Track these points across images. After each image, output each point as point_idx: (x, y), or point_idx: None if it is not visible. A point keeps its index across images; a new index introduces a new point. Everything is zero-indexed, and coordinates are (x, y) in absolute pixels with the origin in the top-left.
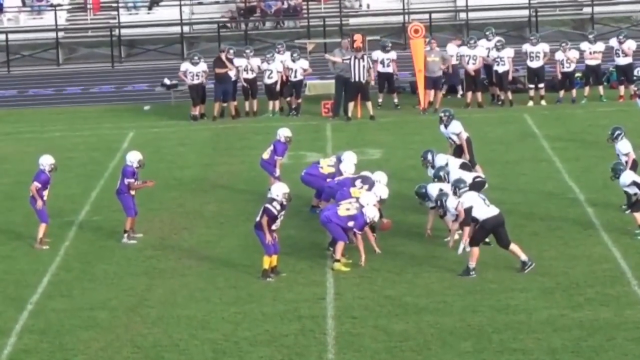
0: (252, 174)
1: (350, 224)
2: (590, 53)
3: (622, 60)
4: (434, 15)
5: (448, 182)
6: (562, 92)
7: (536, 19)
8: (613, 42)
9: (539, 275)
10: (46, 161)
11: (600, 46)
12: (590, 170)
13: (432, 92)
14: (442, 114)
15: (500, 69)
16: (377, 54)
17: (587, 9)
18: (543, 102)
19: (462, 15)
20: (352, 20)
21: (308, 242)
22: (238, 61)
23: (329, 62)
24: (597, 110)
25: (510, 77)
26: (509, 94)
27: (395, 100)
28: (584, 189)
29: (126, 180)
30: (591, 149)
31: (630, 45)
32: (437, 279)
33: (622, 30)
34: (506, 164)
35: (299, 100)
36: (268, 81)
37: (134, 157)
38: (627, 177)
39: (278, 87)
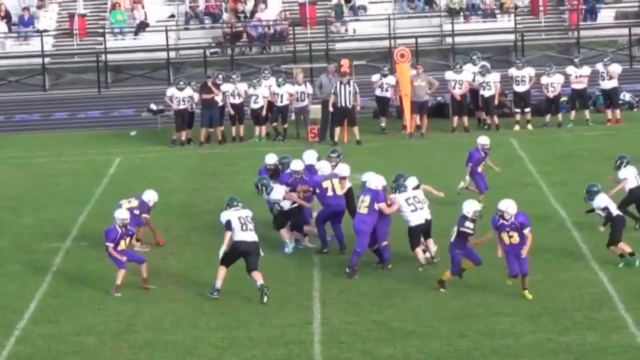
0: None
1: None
2: (576, 77)
3: (607, 84)
4: (420, 40)
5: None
6: (548, 117)
7: (522, 43)
8: (599, 65)
9: (525, 300)
10: (119, 215)
11: (586, 70)
12: (576, 194)
13: (419, 116)
14: None
15: (486, 93)
16: (376, 78)
17: (573, 33)
18: (529, 127)
19: (448, 40)
20: (338, 45)
21: (294, 266)
22: (225, 86)
23: (315, 87)
24: (584, 134)
25: (496, 102)
26: (495, 119)
27: (383, 125)
28: (570, 213)
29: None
30: (578, 173)
31: (615, 68)
32: (424, 304)
33: (607, 54)
34: (492, 188)
35: (285, 126)
36: (254, 106)
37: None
38: (601, 200)
39: (264, 112)
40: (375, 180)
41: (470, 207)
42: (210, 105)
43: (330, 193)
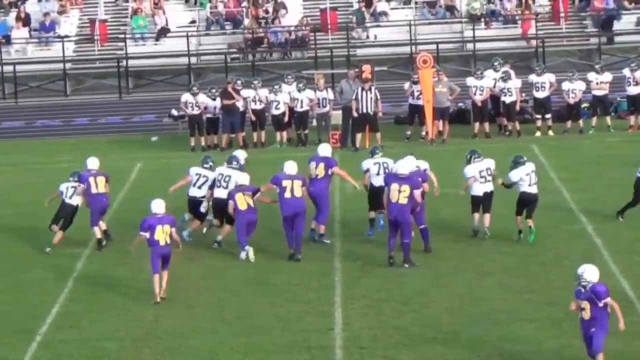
0: (259, 205)
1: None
2: (597, 83)
3: (633, 90)
4: (441, 46)
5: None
6: (569, 123)
7: (543, 49)
8: (625, 71)
9: (547, 305)
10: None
11: (607, 76)
12: (598, 200)
13: (440, 122)
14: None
15: (507, 99)
16: (407, 86)
17: (594, 40)
18: (550, 133)
19: (469, 46)
20: (359, 51)
21: (317, 272)
22: (246, 92)
23: (336, 93)
24: (605, 141)
25: (518, 108)
26: (517, 125)
27: (408, 133)
28: (591, 220)
29: None
30: (599, 179)
31: None
32: (444, 309)
33: (634, 59)
34: (514, 194)
35: (306, 131)
36: (275, 112)
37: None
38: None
39: (286, 118)
40: (405, 168)
41: None
42: (231, 111)
43: (288, 194)
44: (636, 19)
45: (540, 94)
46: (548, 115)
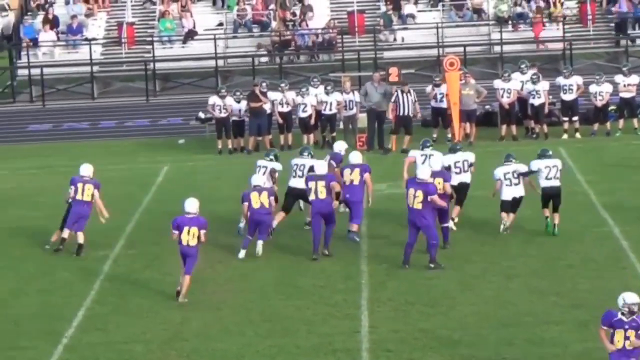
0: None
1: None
2: (624, 85)
3: None
4: (468, 49)
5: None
6: (596, 125)
7: (570, 51)
8: None
9: (573, 308)
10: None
11: (634, 79)
12: (624, 203)
13: (467, 125)
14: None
15: (536, 101)
16: (429, 89)
17: (622, 42)
18: (577, 135)
19: (497, 48)
20: (386, 54)
21: (343, 274)
22: (273, 95)
23: (361, 96)
24: (632, 143)
25: (546, 110)
26: (545, 127)
27: (435, 135)
28: (618, 222)
29: None
30: (626, 182)
31: None
32: (471, 312)
33: None
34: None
35: (334, 134)
36: (302, 115)
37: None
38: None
39: (312, 120)
40: (424, 173)
41: None
42: (258, 113)
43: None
44: None
45: (567, 97)
46: (575, 118)
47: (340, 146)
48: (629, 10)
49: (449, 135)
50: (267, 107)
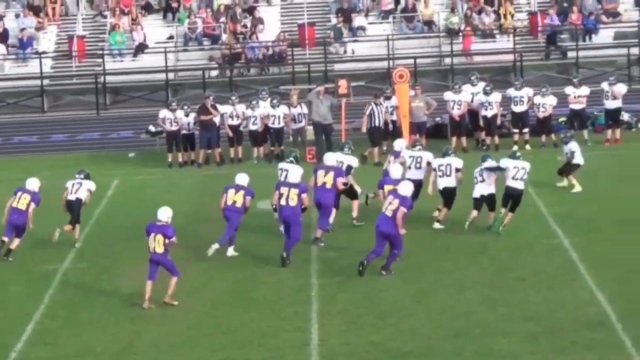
0: None
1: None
2: (575, 97)
3: (611, 104)
4: (418, 61)
5: None
6: (543, 137)
7: (521, 63)
8: (604, 85)
9: (523, 320)
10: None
11: (585, 90)
12: (574, 214)
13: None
14: None
15: (488, 113)
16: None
17: (572, 54)
18: (527, 147)
19: (447, 60)
20: (337, 66)
21: (294, 287)
22: (224, 108)
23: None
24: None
25: (498, 122)
26: (496, 139)
27: (384, 148)
28: (568, 234)
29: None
30: (576, 193)
31: (620, 88)
32: (422, 324)
33: (612, 73)
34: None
35: (282, 147)
36: (252, 127)
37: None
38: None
39: (263, 133)
40: (406, 189)
41: None
42: (208, 126)
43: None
44: (613, 33)
45: (518, 108)
46: (525, 130)
47: (400, 144)
48: (577, 21)
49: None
50: (216, 120)
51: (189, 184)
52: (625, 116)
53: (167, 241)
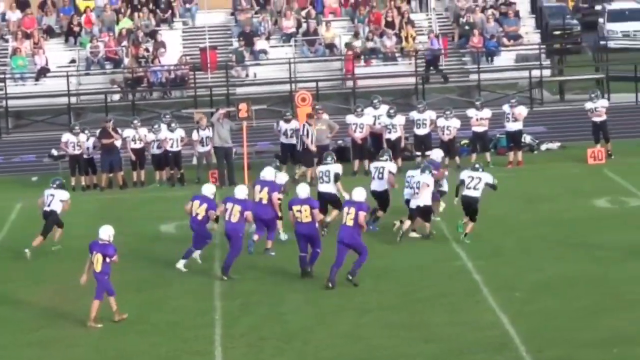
0: (140, 244)
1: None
2: (477, 120)
3: (512, 126)
4: (320, 84)
5: None
6: (446, 160)
7: (423, 86)
8: (505, 107)
9: (426, 342)
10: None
11: (486, 113)
12: (477, 237)
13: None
14: None
15: (392, 136)
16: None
17: (474, 76)
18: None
19: (349, 83)
20: (239, 90)
21: (196, 310)
22: (126, 132)
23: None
24: None
25: (402, 144)
26: (399, 161)
27: (297, 172)
28: (471, 257)
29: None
30: (480, 215)
31: (521, 110)
32: (325, 347)
33: (514, 95)
34: (391, 230)
35: (181, 171)
36: (155, 151)
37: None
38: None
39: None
40: (359, 194)
41: None
42: (110, 150)
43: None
44: (515, 55)
45: (421, 131)
46: (428, 152)
47: (437, 154)
48: (478, 44)
49: (299, 172)
50: (118, 143)
51: (92, 207)
52: (526, 138)
53: (107, 260)
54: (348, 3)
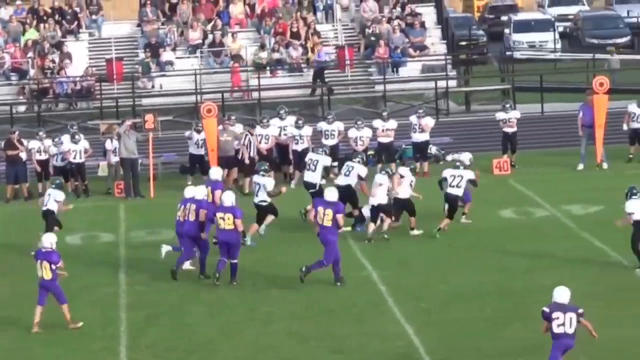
0: None
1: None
2: (383, 130)
3: (419, 137)
4: (226, 95)
5: None
6: None
7: (329, 97)
8: (412, 118)
9: (332, 353)
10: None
11: (392, 123)
12: (382, 248)
13: (226, 171)
14: None
15: (299, 147)
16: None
17: (380, 87)
18: (336, 181)
19: (255, 94)
20: (145, 101)
21: (102, 322)
22: (32, 143)
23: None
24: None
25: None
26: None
27: (189, 182)
28: (377, 267)
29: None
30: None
31: (428, 121)
32: (231, 358)
33: (421, 106)
34: (301, 241)
35: (86, 182)
36: (59, 164)
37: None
38: None
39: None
40: (332, 194)
41: None
42: (15, 161)
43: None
44: (421, 66)
45: (329, 142)
46: (335, 163)
47: (465, 156)
48: (384, 54)
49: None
50: (23, 155)
51: None
52: (432, 149)
53: (54, 267)
54: (254, 14)
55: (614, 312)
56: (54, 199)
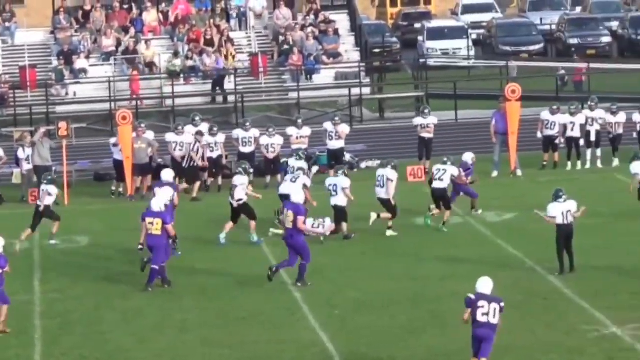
0: None
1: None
2: (297, 138)
3: (334, 144)
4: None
5: None
6: (268, 178)
7: (242, 104)
8: (327, 125)
9: None
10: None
11: (306, 131)
12: None
13: (140, 179)
14: None
15: (214, 154)
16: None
17: (293, 94)
18: (250, 188)
19: (169, 102)
20: (59, 108)
21: (16, 330)
22: None
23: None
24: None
25: (224, 162)
26: (219, 180)
27: (113, 188)
28: (291, 274)
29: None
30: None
31: (344, 128)
32: None
33: (336, 113)
34: (216, 249)
35: None
36: None
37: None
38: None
39: None
40: (298, 195)
41: None
42: None
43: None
44: (335, 73)
45: (246, 149)
46: (251, 170)
47: (468, 156)
48: (298, 62)
49: (121, 189)
50: None
51: None
52: (346, 156)
53: (0, 271)
54: (168, 22)
55: (526, 319)
56: (47, 193)
